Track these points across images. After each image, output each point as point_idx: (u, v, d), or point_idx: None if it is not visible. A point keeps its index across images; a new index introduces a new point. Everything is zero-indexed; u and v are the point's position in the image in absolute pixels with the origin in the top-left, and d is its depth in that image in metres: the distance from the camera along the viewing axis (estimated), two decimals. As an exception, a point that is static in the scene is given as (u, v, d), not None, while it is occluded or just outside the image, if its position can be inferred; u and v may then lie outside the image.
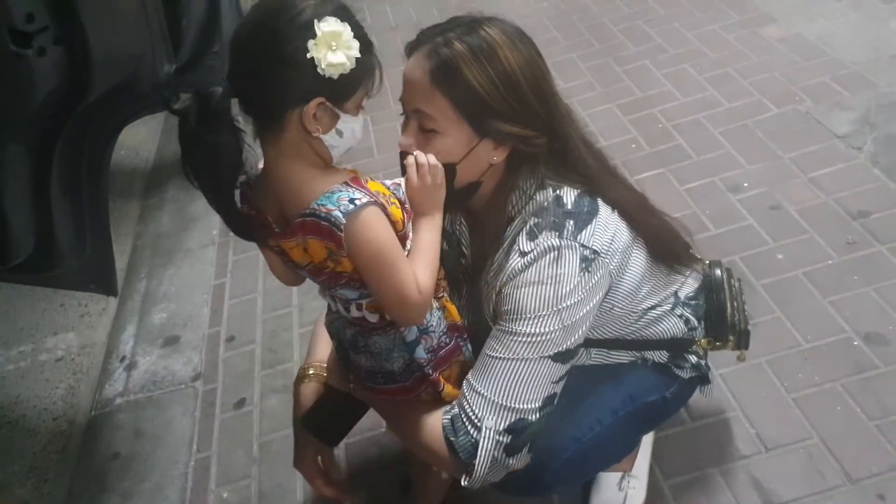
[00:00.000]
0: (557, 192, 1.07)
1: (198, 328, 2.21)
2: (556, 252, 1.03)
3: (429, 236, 1.01)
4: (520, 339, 1.04)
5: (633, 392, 1.24)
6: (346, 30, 0.87)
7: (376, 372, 1.14)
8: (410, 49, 1.05)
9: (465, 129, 1.03)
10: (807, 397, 1.60)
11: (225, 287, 2.35)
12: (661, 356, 1.28)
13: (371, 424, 1.76)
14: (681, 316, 1.26)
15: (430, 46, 1.01)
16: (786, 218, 2.05)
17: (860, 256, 1.89)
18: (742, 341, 1.34)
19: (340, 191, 0.93)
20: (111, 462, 1.86)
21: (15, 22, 1.16)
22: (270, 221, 1.00)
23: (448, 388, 1.13)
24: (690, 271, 1.31)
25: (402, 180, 1.05)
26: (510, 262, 1.06)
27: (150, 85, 1.40)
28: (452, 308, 1.16)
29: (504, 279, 1.06)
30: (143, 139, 3.18)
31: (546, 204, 1.07)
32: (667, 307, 1.24)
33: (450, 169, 1.04)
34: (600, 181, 1.12)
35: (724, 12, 3.08)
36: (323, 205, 0.92)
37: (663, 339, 1.26)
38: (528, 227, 1.06)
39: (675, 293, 1.27)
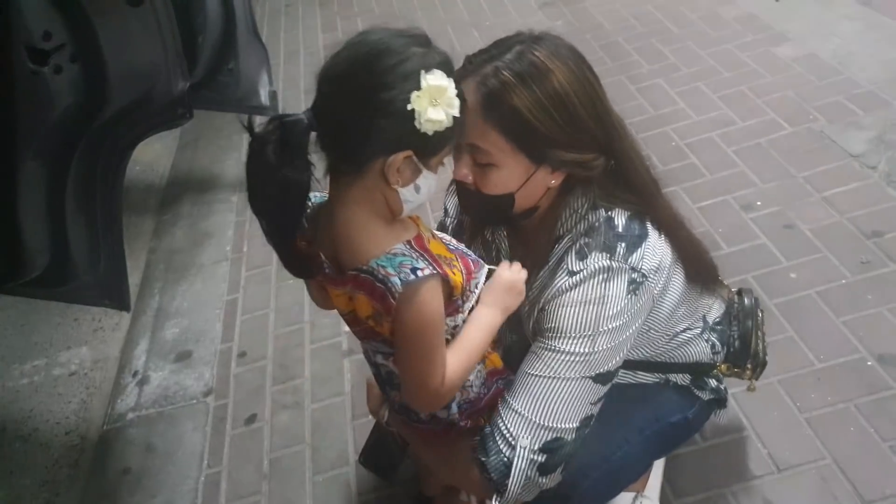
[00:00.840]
0: (609, 213, 1.06)
1: (210, 343, 2.23)
2: (607, 273, 1.02)
3: (480, 335, 0.99)
4: (561, 357, 1.03)
5: (659, 412, 1.24)
6: (450, 86, 0.82)
7: (409, 409, 1.13)
8: (457, 79, 0.96)
9: (522, 159, 1.00)
10: (820, 418, 1.58)
11: (237, 303, 2.36)
12: (683, 379, 1.29)
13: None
14: (707, 340, 1.27)
15: (478, 78, 0.97)
16: (799, 237, 2.03)
17: (874, 276, 1.86)
18: (757, 372, 1.35)
19: (404, 255, 0.88)
20: (122, 477, 1.87)
21: (32, 40, 1.18)
22: (323, 260, 0.95)
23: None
24: (718, 295, 1.31)
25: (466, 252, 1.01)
26: (557, 281, 1.05)
27: (164, 101, 1.42)
28: (494, 356, 1.14)
29: (549, 296, 1.05)
30: (159, 155, 3.23)
31: (597, 224, 1.05)
32: (696, 331, 1.24)
33: (507, 198, 1.03)
34: (653, 197, 1.11)
35: (739, 31, 3.08)
36: (383, 266, 0.87)
37: (688, 362, 1.26)
38: (577, 246, 1.05)
39: (704, 317, 1.27)
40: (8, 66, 1.21)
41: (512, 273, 1.03)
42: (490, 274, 1.03)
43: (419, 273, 0.87)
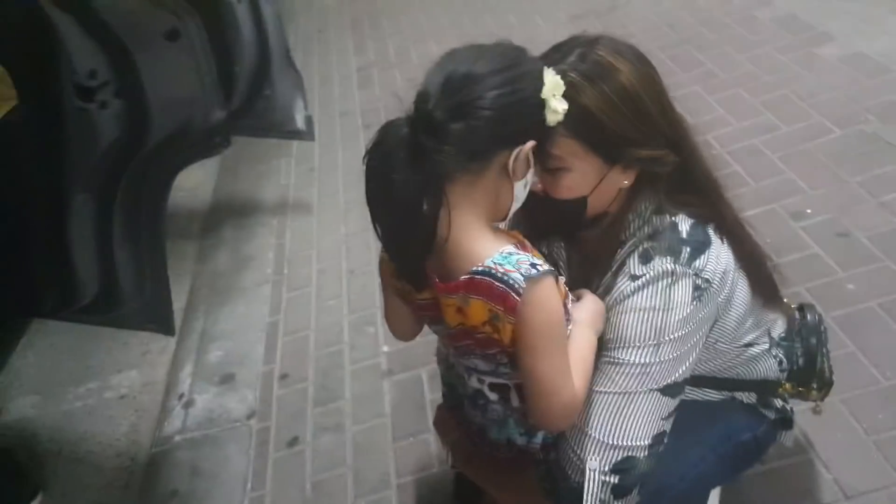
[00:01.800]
0: (674, 218, 1.03)
1: (252, 366, 2.25)
2: (671, 278, 0.98)
3: (586, 353, 0.97)
4: (625, 369, 0.99)
5: (729, 430, 1.20)
6: (561, 83, 0.89)
7: (485, 435, 1.10)
8: None
9: (594, 160, 0.98)
10: (889, 440, 1.49)
11: (279, 325, 2.38)
12: (749, 397, 1.24)
13: (423, 465, 1.74)
14: (775, 356, 1.22)
15: None
16: (855, 245, 1.94)
17: (940, 285, 1.77)
18: (823, 392, 1.29)
19: (518, 253, 0.88)
20: (170, 499, 1.89)
21: (80, 79, 1.22)
22: (430, 271, 0.93)
23: None
24: (780, 310, 1.26)
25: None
26: (619, 285, 1.02)
27: (202, 131, 1.45)
28: None
29: (611, 302, 1.02)
30: (201, 181, 3.30)
31: (661, 229, 1.03)
32: (764, 346, 1.20)
33: (580, 202, 1.01)
34: (718, 196, 1.08)
35: (777, 33, 2.99)
36: (500, 264, 0.86)
37: (755, 379, 1.22)
38: (640, 249, 1.02)
39: (769, 332, 1.22)
40: (58, 104, 1.26)
41: (598, 299, 1.02)
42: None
43: (539, 268, 0.86)
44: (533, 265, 0.86)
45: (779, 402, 1.26)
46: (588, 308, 1.00)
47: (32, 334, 2.62)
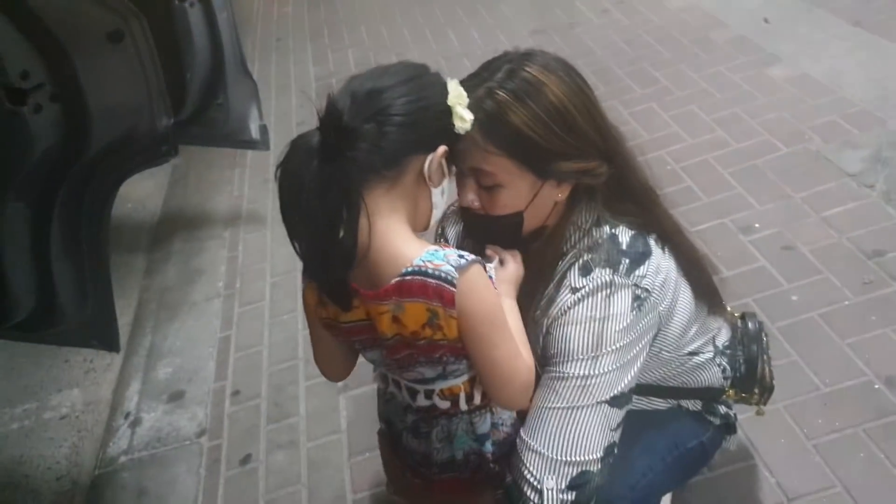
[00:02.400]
0: (613, 230, 1.05)
1: (203, 383, 2.18)
2: (610, 289, 1.00)
3: (516, 323, 0.98)
4: (571, 383, 1.00)
5: (677, 438, 1.23)
6: (464, 95, 0.92)
7: (432, 462, 1.07)
8: None
9: (527, 176, 0.99)
10: (828, 444, 1.53)
11: (230, 340, 2.32)
12: (695, 404, 1.27)
13: (379, 480, 1.71)
14: (719, 365, 1.25)
15: (472, 102, 0.96)
16: (799, 258, 2.00)
17: (878, 296, 1.83)
18: (765, 397, 1.32)
19: (444, 249, 0.89)
20: (113, 523, 1.82)
21: (10, 79, 1.17)
22: (356, 283, 0.91)
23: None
24: (724, 319, 1.29)
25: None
26: (560, 298, 1.03)
27: (148, 139, 1.40)
28: None
29: (553, 315, 1.03)
30: (150, 192, 3.22)
31: (601, 241, 1.04)
32: (708, 355, 1.22)
33: (516, 217, 1.02)
34: (653, 203, 1.11)
35: (730, 53, 3.09)
36: (429, 261, 0.87)
37: (700, 387, 1.24)
38: (580, 262, 1.03)
39: (713, 340, 1.25)
40: (-17, 109, 1.20)
41: (501, 272, 1.04)
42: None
43: (466, 258, 0.88)
44: (461, 255, 0.88)
45: (722, 409, 1.29)
46: (508, 279, 1.03)
47: (-36, 352, 2.50)
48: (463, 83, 0.99)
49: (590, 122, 1.00)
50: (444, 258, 0.87)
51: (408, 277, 0.86)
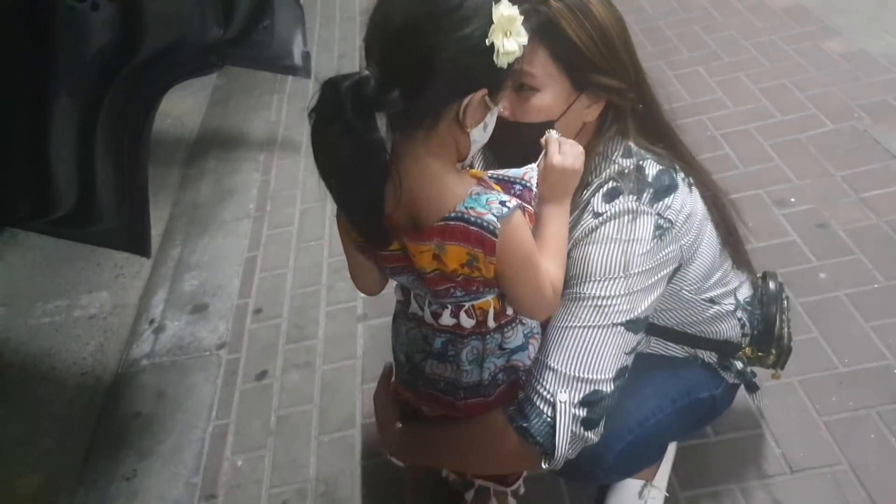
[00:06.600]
0: (641, 162, 1.07)
1: (227, 298, 2.24)
2: (632, 215, 1.02)
3: (556, 229, 0.97)
4: (588, 303, 1.02)
5: (689, 385, 1.25)
6: (518, 15, 0.81)
7: (459, 386, 1.08)
8: None
9: (565, 83, 1.03)
10: (839, 422, 1.54)
11: (257, 260, 2.37)
12: (710, 356, 1.29)
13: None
14: (739, 319, 1.26)
15: (526, 7, 0.92)
16: (832, 237, 1.98)
17: (909, 282, 1.81)
18: (782, 359, 1.33)
19: (486, 193, 0.89)
20: (132, 420, 1.90)
21: (69, -25, 1.17)
22: (397, 224, 0.91)
23: None
24: (747, 275, 1.30)
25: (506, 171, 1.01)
26: (582, 222, 1.05)
27: (198, 47, 1.41)
28: None
29: (575, 238, 1.05)
30: (190, 110, 3.23)
31: (627, 171, 1.06)
32: (728, 307, 1.24)
33: (548, 125, 1.03)
34: (676, 139, 1.13)
35: (785, 23, 2.98)
36: (472, 208, 0.87)
37: (718, 339, 1.26)
38: (605, 189, 1.05)
39: (735, 293, 1.26)
40: (46, 1, 1.21)
41: (558, 157, 0.97)
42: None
43: (508, 205, 0.87)
44: (502, 203, 0.88)
45: (738, 365, 1.30)
46: (549, 180, 0.98)
47: (2, 245, 2.58)
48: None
49: (625, 49, 1.05)
50: (487, 205, 0.87)
51: (451, 223, 0.88)
